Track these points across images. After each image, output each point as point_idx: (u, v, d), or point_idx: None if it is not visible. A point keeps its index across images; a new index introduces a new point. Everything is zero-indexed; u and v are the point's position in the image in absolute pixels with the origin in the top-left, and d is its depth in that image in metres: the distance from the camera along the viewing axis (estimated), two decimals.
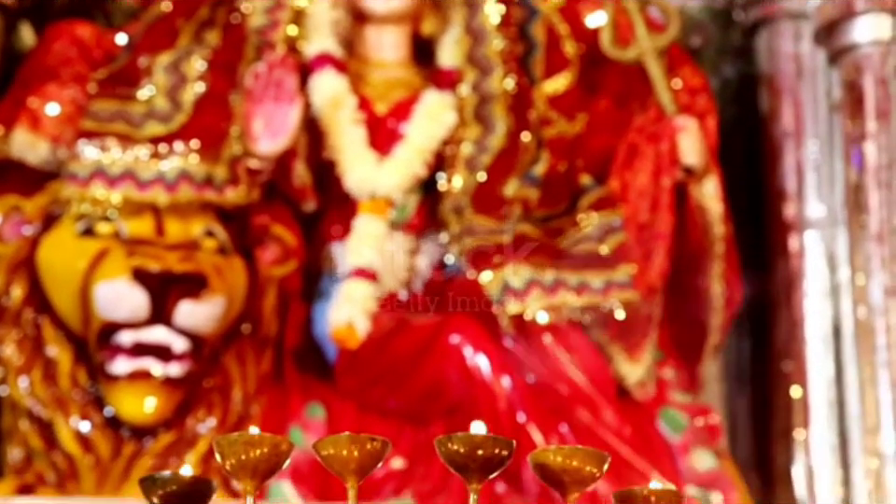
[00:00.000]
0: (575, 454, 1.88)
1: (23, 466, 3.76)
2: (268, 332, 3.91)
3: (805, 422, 4.21)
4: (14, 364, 3.77)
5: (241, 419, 3.79)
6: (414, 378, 3.85)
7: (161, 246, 3.73)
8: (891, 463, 4.02)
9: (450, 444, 1.85)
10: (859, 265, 4.18)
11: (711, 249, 4.10)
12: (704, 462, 3.92)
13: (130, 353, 3.68)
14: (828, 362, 4.24)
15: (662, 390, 4.05)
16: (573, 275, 3.87)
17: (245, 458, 1.87)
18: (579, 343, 3.87)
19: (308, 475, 3.68)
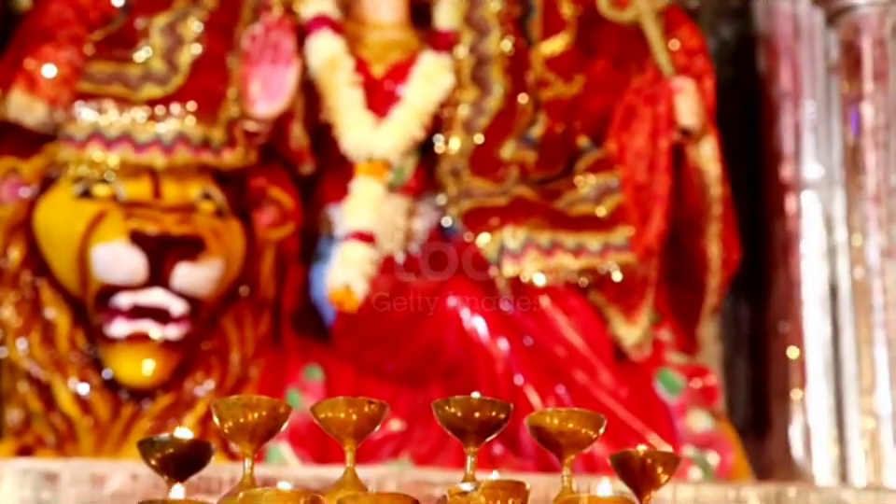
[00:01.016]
0: (571, 416, 1.88)
1: (22, 427, 3.76)
2: (266, 295, 3.91)
3: (801, 382, 4.22)
4: (13, 326, 3.77)
5: (239, 381, 3.80)
6: (412, 340, 3.86)
7: (159, 209, 3.73)
8: (887, 423, 4.03)
9: (447, 407, 1.85)
10: (856, 226, 4.18)
11: (708, 211, 4.10)
12: (701, 423, 3.93)
13: (128, 315, 3.68)
14: (825, 323, 4.24)
15: (659, 352, 4.06)
16: (570, 237, 3.87)
17: (244, 421, 1.87)
18: (576, 305, 3.88)
19: (306, 437, 3.69)
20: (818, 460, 4.15)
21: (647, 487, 1.91)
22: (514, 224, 3.85)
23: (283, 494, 1.73)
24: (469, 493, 1.71)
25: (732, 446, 3.95)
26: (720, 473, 3.87)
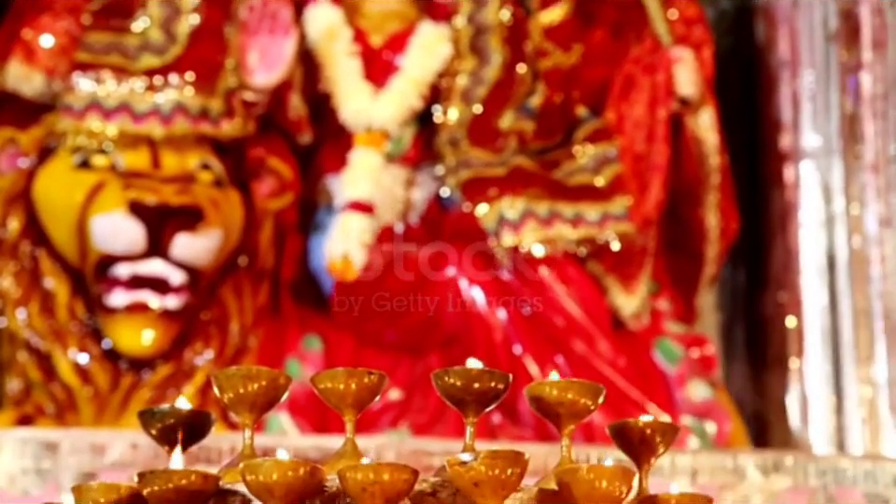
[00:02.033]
0: (570, 386, 1.88)
1: (22, 397, 3.77)
2: (264, 265, 3.92)
3: (799, 351, 4.23)
4: (12, 296, 3.78)
5: (238, 351, 3.81)
6: (410, 310, 3.86)
7: (158, 179, 3.73)
8: (884, 391, 4.05)
9: (446, 378, 1.85)
10: (854, 195, 4.18)
11: (707, 180, 4.11)
12: (699, 392, 3.94)
13: (127, 285, 3.69)
14: (822, 292, 4.25)
15: (657, 321, 4.07)
16: (569, 207, 3.87)
17: (243, 392, 1.87)
18: (574, 274, 3.88)
19: (306, 407, 3.69)
20: (815, 429, 4.16)
21: (645, 457, 1.92)
22: (513, 194, 3.85)
23: (283, 464, 1.74)
24: (469, 463, 1.72)
25: (730, 415, 3.97)
26: (717, 442, 3.88)
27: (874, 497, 3.34)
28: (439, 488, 1.79)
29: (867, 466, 3.38)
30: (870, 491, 3.35)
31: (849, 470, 3.36)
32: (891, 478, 3.36)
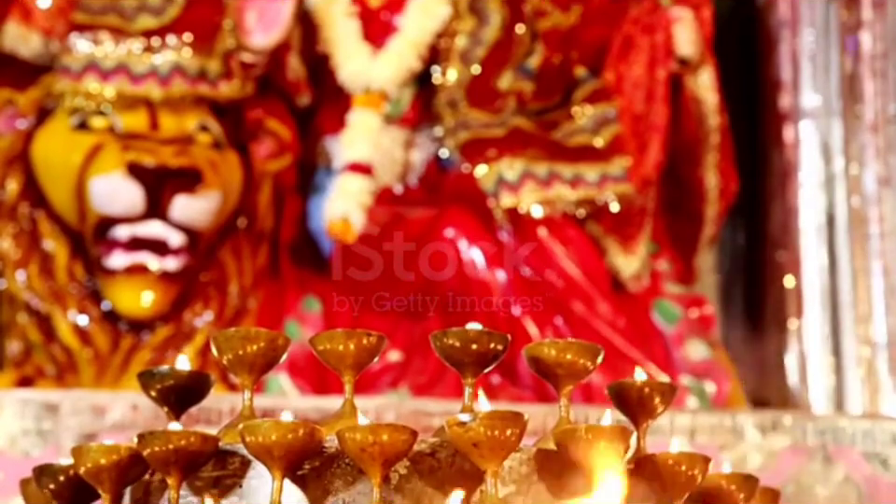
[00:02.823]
0: (569, 347, 1.88)
1: (22, 358, 3.78)
2: (263, 227, 3.92)
3: (798, 311, 4.23)
4: (11, 258, 3.78)
5: (238, 313, 3.81)
6: (410, 272, 3.86)
7: (156, 141, 3.73)
8: (883, 351, 4.05)
9: (445, 339, 1.86)
10: (853, 155, 4.18)
11: (706, 141, 4.11)
12: (697, 352, 3.95)
13: (126, 247, 3.69)
14: (821, 252, 4.25)
15: (656, 282, 4.07)
16: (568, 168, 3.87)
17: (243, 353, 1.88)
18: (573, 235, 3.88)
19: (305, 368, 3.70)
20: (814, 388, 4.17)
21: (644, 417, 1.93)
22: (512, 155, 3.84)
23: (281, 425, 1.74)
24: (468, 423, 1.72)
25: (728, 375, 3.97)
26: (716, 402, 3.89)
27: (872, 456, 3.35)
28: (438, 449, 1.80)
29: (865, 425, 3.39)
30: (868, 450, 3.36)
31: (848, 429, 3.37)
32: (890, 437, 3.37)
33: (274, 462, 1.74)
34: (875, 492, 3.33)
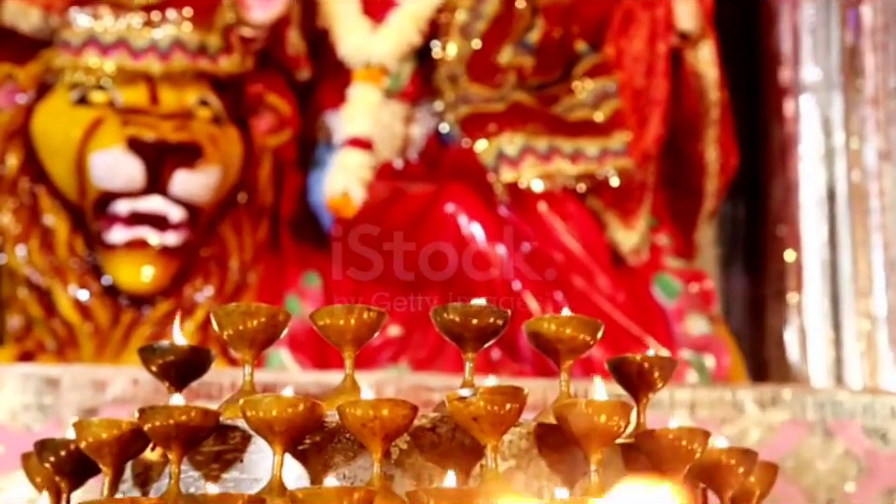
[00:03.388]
0: (569, 322, 1.89)
1: (23, 333, 3.79)
2: (264, 202, 3.92)
3: (798, 285, 4.24)
4: (11, 233, 3.78)
5: (238, 288, 3.82)
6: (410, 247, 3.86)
7: (156, 115, 3.73)
8: (883, 325, 4.06)
9: (445, 314, 1.86)
10: (853, 129, 4.18)
11: (706, 115, 4.11)
12: (697, 327, 3.95)
13: (126, 222, 3.69)
14: (822, 226, 4.25)
15: (656, 256, 4.07)
16: (568, 143, 3.87)
17: (243, 329, 1.88)
18: (573, 210, 3.88)
19: (305, 343, 3.70)
20: (814, 362, 4.18)
21: (644, 391, 1.93)
22: (512, 130, 3.84)
23: (282, 399, 1.75)
24: (468, 398, 1.73)
25: (728, 349, 3.98)
26: (716, 376, 3.90)
27: (871, 430, 3.36)
28: (438, 423, 1.80)
29: (865, 399, 3.40)
30: (868, 424, 3.36)
31: (847, 403, 3.38)
32: (889, 411, 3.38)
33: (275, 437, 1.74)
34: (874, 465, 3.34)
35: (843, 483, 3.33)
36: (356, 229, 3.84)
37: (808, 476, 3.32)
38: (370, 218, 3.83)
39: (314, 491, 1.64)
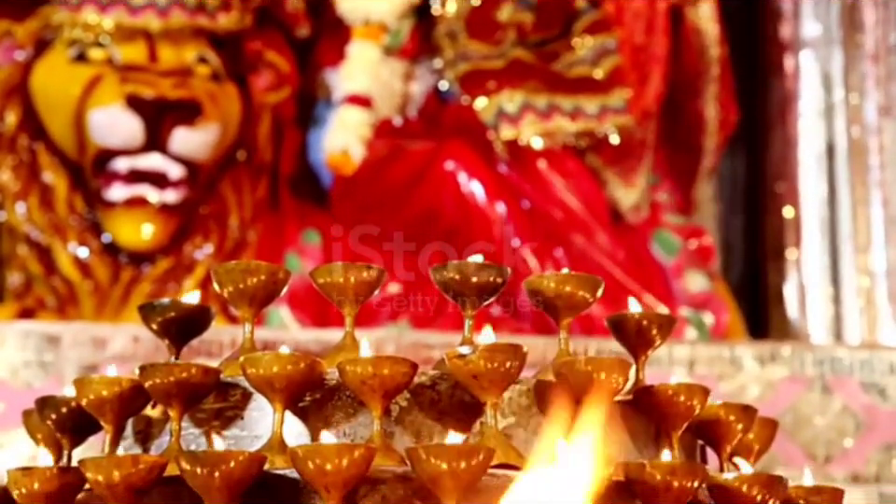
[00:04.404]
0: (568, 280, 1.88)
1: (23, 290, 3.79)
2: (263, 159, 3.92)
3: (797, 242, 4.24)
4: (11, 190, 3.78)
5: (237, 245, 3.82)
6: (409, 204, 3.87)
7: (155, 73, 3.72)
8: (882, 281, 4.06)
9: (445, 272, 1.85)
10: (854, 85, 4.17)
11: (706, 72, 4.10)
12: (697, 283, 3.95)
13: (126, 179, 3.69)
14: (821, 182, 4.25)
15: (655, 213, 4.08)
16: (568, 100, 3.86)
17: (243, 287, 1.87)
18: (573, 167, 3.88)
19: (305, 301, 3.71)
20: (813, 319, 4.18)
21: (642, 348, 1.93)
22: (511, 87, 3.84)
23: (282, 357, 1.75)
24: (468, 356, 1.73)
25: (727, 306, 3.99)
26: (715, 333, 3.90)
27: (870, 385, 3.37)
28: (438, 381, 1.80)
29: (864, 355, 3.41)
30: (866, 380, 3.37)
31: (846, 359, 3.38)
32: (888, 366, 3.38)
33: (275, 394, 1.75)
34: (872, 421, 3.35)
35: (841, 438, 3.34)
36: (355, 186, 3.85)
37: (807, 432, 3.33)
38: (369, 176, 3.83)
39: (314, 448, 1.64)
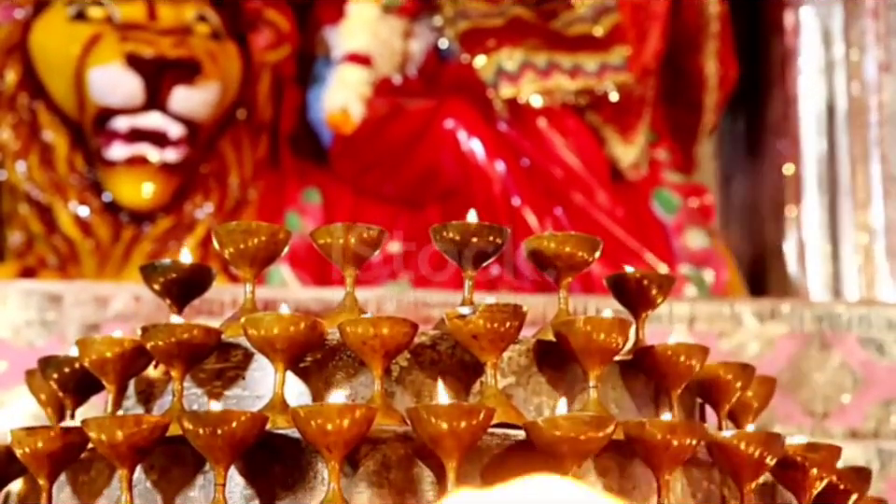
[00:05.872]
0: (568, 240, 1.88)
1: (24, 249, 3.80)
2: (263, 118, 3.91)
3: (796, 199, 4.24)
4: (11, 149, 3.78)
5: (238, 204, 3.82)
6: (409, 163, 3.87)
7: (154, 31, 3.71)
8: (881, 238, 4.06)
9: (445, 232, 1.86)
10: (854, 41, 4.16)
11: (706, 29, 4.09)
12: (697, 241, 3.96)
13: (126, 138, 3.69)
14: (821, 139, 4.24)
15: (655, 171, 4.07)
16: (567, 58, 3.86)
17: (244, 247, 1.88)
18: (573, 125, 3.88)
19: (306, 259, 3.71)
20: (812, 276, 4.19)
21: (642, 307, 1.93)
22: (511, 45, 3.83)
23: (283, 318, 1.76)
24: (468, 316, 1.74)
25: (727, 263, 3.99)
26: (715, 290, 3.91)
27: (868, 341, 3.38)
28: (438, 341, 1.81)
29: (862, 311, 3.41)
30: (864, 335, 3.38)
31: (844, 316, 3.39)
32: (886, 322, 3.39)
33: (277, 354, 1.75)
34: (870, 377, 3.36)
35: (839, 394, 3.35)
36: (355, 145, 3.84)
37: (805, 388, 3.34)
38: (369, 135, 3.83)
39: (315, 408, 1.65)
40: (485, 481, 1.70)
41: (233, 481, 1.71)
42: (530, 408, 1.81)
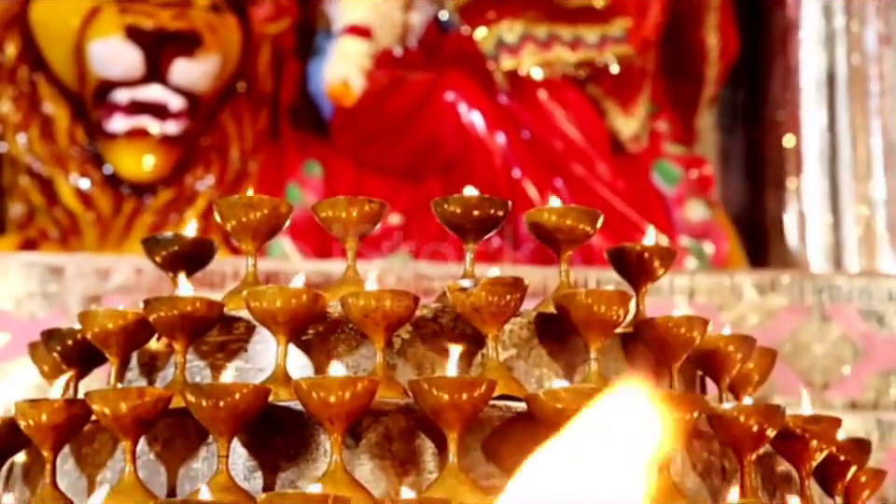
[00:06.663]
0: (568, 213, 1.88)
1: (25, 221, 3.80)
2: (263, 90, 3.91)
3: (797, 170, 4.24)
4: (12, 121, 3.78)
5: (239, 177, 3.82)
6: (410, 135, 3.87)
7: (154, 3, 3.71)
8: (881, 209, 4.07)
9: (446, 205, 1.86)
10: (854, 12, 4.15)
11: (707, 0, 4.08)
12: (697, 212, 3.96)
13: (126, 111, 3.69)
14: (821, 111, 4.24)
15: (656, 143, 4.07)
16: (567, 30, 3.85)
17: (246, 220, 1.87)
18: (573, 97, 3.88)
19: (307, 232, 3.71)
20: (812, 247, 4.19)
21: (643, 280, 1.93)
22: (511, 17, 3.82)
23: (286, 290, 1.76)
24: (469, 289, 1.74)
25: (727, 235, 4.00)
26: (715, 262, 3.91)
27: (868, 313, 3.38)
28: (440, 314, 1.81)
29: (862, 282, 3.42)
30: (864, 307, 3.38)
31: (844, 287, 3.39)
32: (886, 294, 3.39)
33: (279, 327, 1.76)
34: (870, 348, 3.36)
35: (839, 366, 3.35)
36: (355, 117, 3.84)
37: (805, 360, 3.35)
38: (369, 107, 3.83)
39: (317, 381, 1.65)
40: (487, 453, 1.70)
41: (236, 453, 1.72)
42: (531, 380, 1.81)
